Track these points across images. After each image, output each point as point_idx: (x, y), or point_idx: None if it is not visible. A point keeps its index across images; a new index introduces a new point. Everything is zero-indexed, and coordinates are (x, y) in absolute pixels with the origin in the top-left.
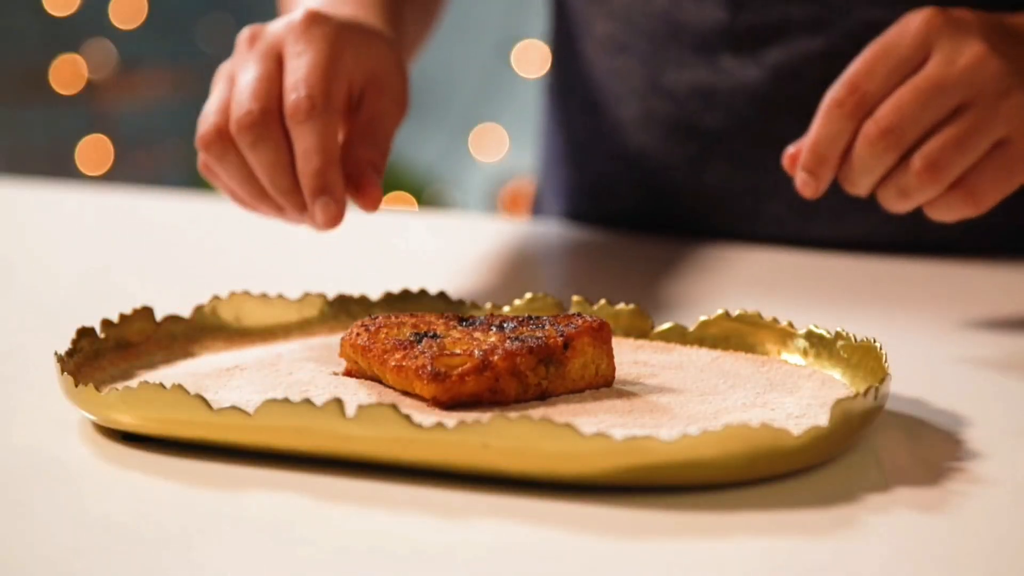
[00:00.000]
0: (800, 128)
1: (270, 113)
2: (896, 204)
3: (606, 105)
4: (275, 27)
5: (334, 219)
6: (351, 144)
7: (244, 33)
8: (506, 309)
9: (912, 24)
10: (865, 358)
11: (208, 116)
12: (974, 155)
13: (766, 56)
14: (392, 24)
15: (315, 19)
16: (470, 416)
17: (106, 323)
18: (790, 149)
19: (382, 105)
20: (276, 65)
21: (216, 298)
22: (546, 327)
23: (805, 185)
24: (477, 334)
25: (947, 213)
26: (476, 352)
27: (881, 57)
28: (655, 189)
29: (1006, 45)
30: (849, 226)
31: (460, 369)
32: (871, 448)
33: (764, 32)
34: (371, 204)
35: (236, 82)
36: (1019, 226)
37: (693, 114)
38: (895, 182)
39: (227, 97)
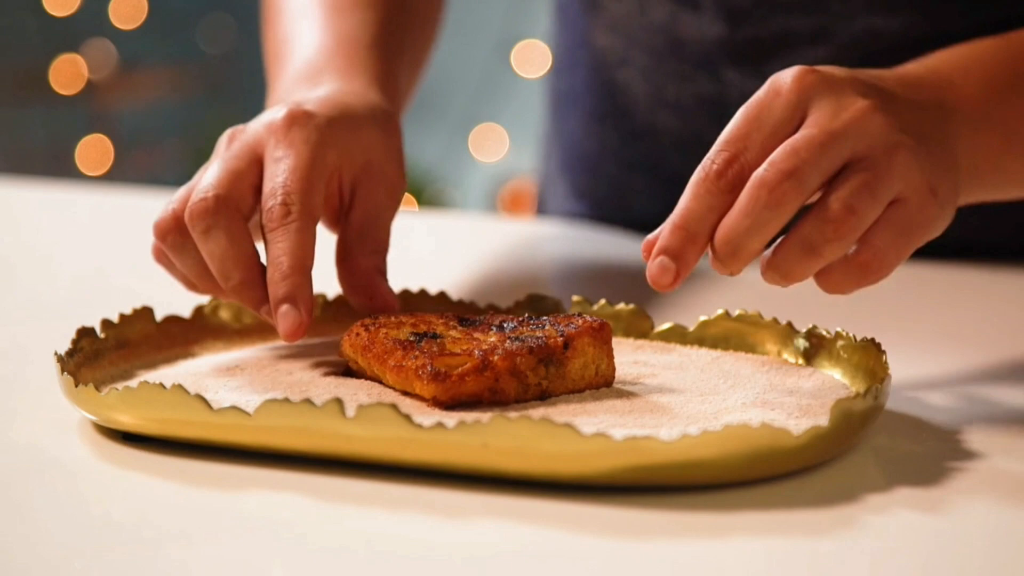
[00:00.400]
0: None
1: (227, 202)
2: (794, 267)
3: (613, 116)
4: (255, 126)
5: (296, 329)
6: (350, 251)
7: (225, 133)
8: (506, 309)
9: (783, 85)
10: (865, 358)
11: (167, 204)
12: (878, 207)
13: (768, 69)
14: (383, 85)
15: (296, 119)
16: (470, 416)
17: (106, 323)
18: (646, 240)
19: (376, 199)
20: (248, 164)
21: (216, 298)
22: (546, 327)
23: (664, 272)
24: (477, 334)
25: (844, 283)
26: (476, 352)
27: (754, 122)
28: (666, 196)
29: (883, 101)
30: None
31: (460, 369)
32: (871, 448)
33: (765, 45)
34: (388, 307)
35: (203, 174)
36: (1019, 226)
37: (699, 126)
38: (798, 238)
39: (191, 187)
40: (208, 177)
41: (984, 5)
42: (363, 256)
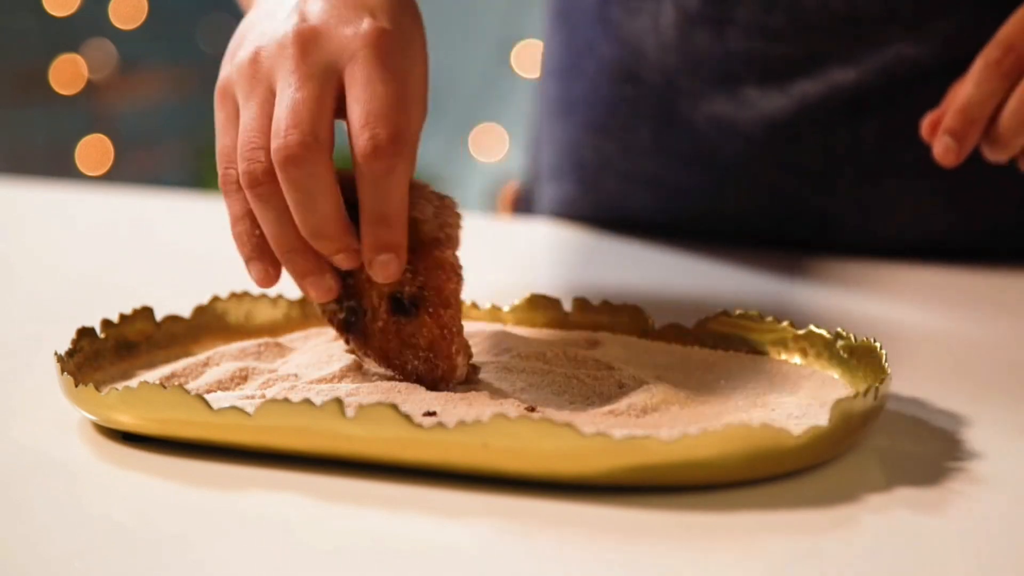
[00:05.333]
0: (822, 154)
1: (321, 143)
2: None
3: (615, 129)
4: (336, 36)
5: (394, 274)
6: None
7: (292, 33)
8: (506, 309)
9: None
10: (865, 358)
11: (249, 149)
12: None
13: (795, 87)
14: None
15: (382, 40)
16: (470, 416)
17: (106, 323)
18: (928, 117)
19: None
20: (330, 87)
21: (216, 298)
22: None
23: (947, 151)
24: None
25: None
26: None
27: None
28: (671, 210)
29: None
30: (871, 240)
31: None
32: (871, 448)
33: (795, 63)
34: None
35: (278, 100)
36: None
37: (710, 144)
38: None
39: (269, 124)
40: (291, 108)
41: None
42: None
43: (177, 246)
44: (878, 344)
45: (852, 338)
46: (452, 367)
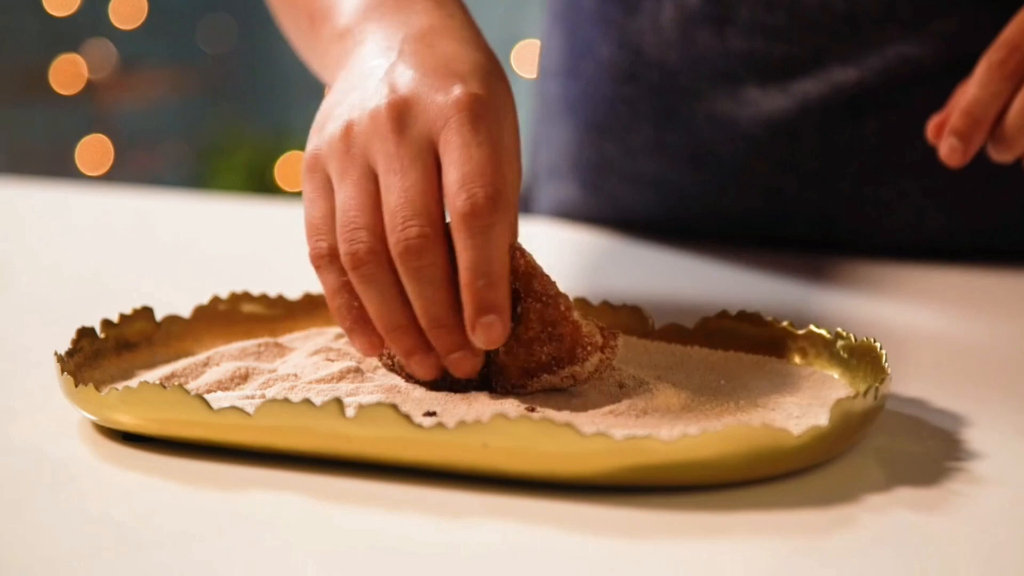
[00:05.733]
0: (822, 154)
1: (437, 232)
2: None
3: (615, 129)
4: (429, 107)
5: (499, 339)
6: None
7: (385, 105)
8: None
9: None
10: (865, 358)
11: (350, 225)
12: None
13: (795, 86)
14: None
15: (478, 107)
16: (470, 416)
17: (106, 323)
18: (934, 119)
19: (514, 174)
20: (432, 164)
21: (216, 298)
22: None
23: (953, 152)
24: None
25: None
26: None
27: None
28: (671, 209)
29: None
30: (871, 240)
31: None
32: (871, 448)
33: (796, 62)
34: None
35: (386, 186)
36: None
37: (710, 144)
38: None
39: (369, 202)
40: (403, 195)
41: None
42: None
43: (177, 246)
44: (878, 344)
45: (852, 338)
46: (579, 334)
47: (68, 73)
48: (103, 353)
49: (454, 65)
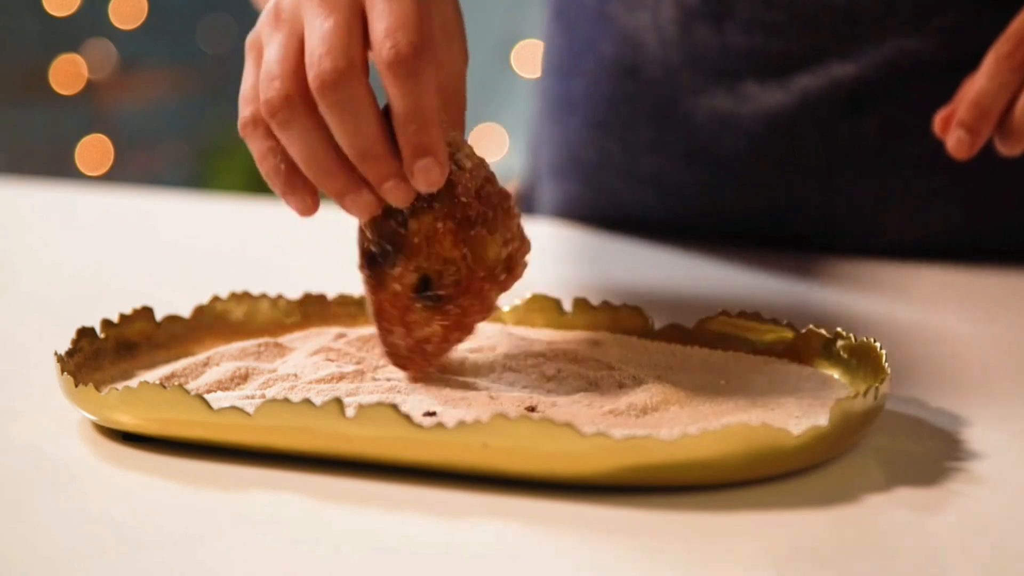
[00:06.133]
0: (822, 150)
1: (354, 68)
2: None
3: (615, 126)
4: None
5: (437, 180)
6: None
7: None
8: (506, 309)
9: None
10: (865, 358)
11: (269, 76)
12: None
13: (795, 82)
14: None
15: None
16: (470, 416)
17: (106, 323)
18: (941, 113)
19: (456, 58)
20: (355, 15)
21: (216, 298)
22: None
23: (960, 144)
24: None
25: None
26: None
27: None
28: (672, 208)
29: None
30: (871, 236)
31: None
32: (871, 448)
33: (795, 58)
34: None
35: (308, 34)
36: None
37: (710, 140)
38: None
39: (289, 54)
40: (322, 36)
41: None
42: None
43: (177, 246)
44: (878, 344)
45: (852, 338)
46: (424, 360)
47: (68, 73)
48: (103, 353)
49: None
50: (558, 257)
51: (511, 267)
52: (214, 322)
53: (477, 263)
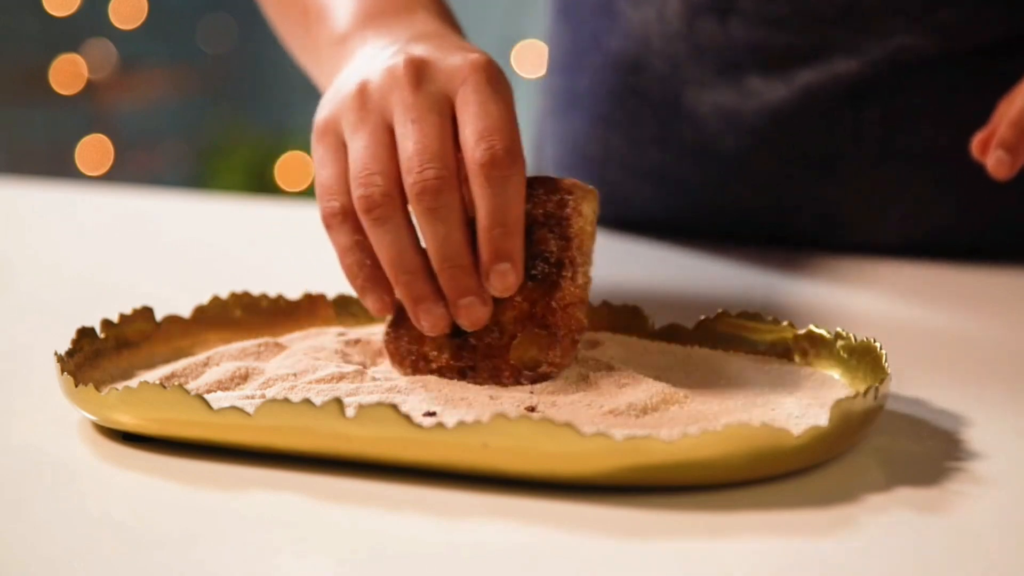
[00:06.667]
0: (824, 145)
1: (451, 177)
2: None
3: (620, 122)
4: (445, 67)
5: (512, 287)
6: None
7: (403, 65)
8: None
9: None
10: (865, 358)
11: (369, 174)
12: None
13: (798, 76)
14: (455, 27)
15: (486, 67)
16: (470, 416)
17: (106, 323)
18: (979, 135)
19: None
20: (447, 117)
21: (216, 298)
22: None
23: (1000, 164)
24: None
25: None
26: None
27: None
28: (675, 204)
29: None
30: (873, 232)
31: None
32: (871, 448)
33: (799, 52)
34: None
35: (403, 134)
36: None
37: (713, 135)
38: None
39: (383, 152)
40: (416, 142)
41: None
42: None
43: (177, 246)
44: (878, 344)
45: (852, 338)
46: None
47: (68, 73)
48: (103, 353)
49: (463, 46)
50: None
51: (537, 374)
52: (214, 322)
53: (514, 351)
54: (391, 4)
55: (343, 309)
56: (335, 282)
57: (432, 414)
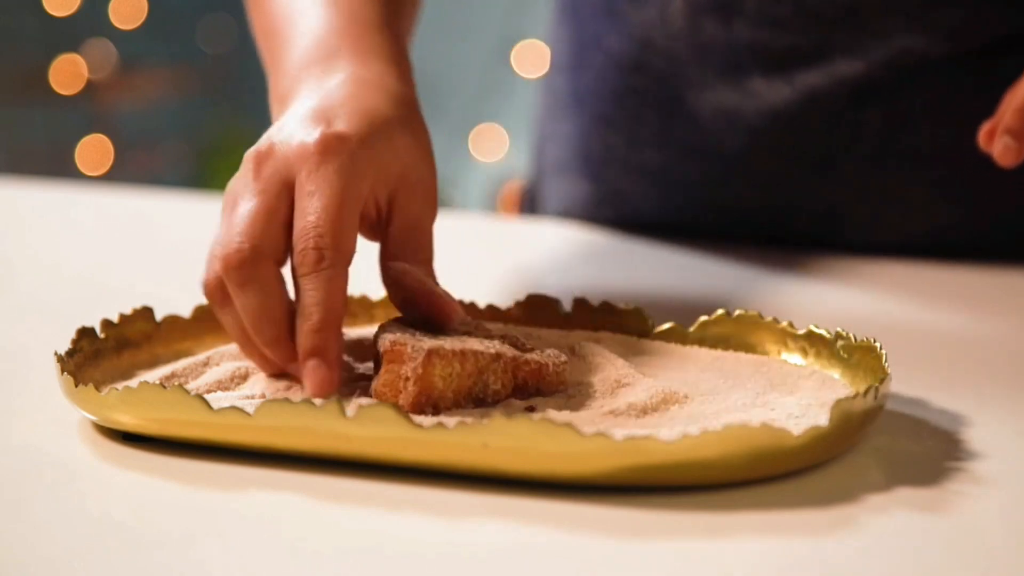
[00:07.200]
0: (826, 146)
1: (260, 251)
2: None
3: (621, 121)
4: (285, 150)
5: (324, 385)
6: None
7: (252, 153)
8: (505, 309)
9: None
10: (865, 358)
11: (210, 260)
12: None
13: (800, 78)
14: (398, 65)
15: (329, 147)
16: (470, 416)
17: (106, 323)
18: (985, 126)
19: (414, 208)
20: (279, 199)
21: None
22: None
23: (1007, 151)
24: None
25: None
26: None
27: None
28: (675, 204)
29: None
30: (874, 232)
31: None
32: (871, 448)
33: (801, 53)
34: (449, 317)
35: (233, 213)
36: (1019, 225)
37: (715, 135)
38: None
39: (220, 238)
40: (240, 219)
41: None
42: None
43: (177, 246)
44: (878, 344)
45: (852, 338)
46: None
47: (68, 73)
48: (103, 353)
49: (333, 108)
50: (560, 257)
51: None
52: (214, 322)
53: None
54: (329, 44)
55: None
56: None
57: (432, 414)
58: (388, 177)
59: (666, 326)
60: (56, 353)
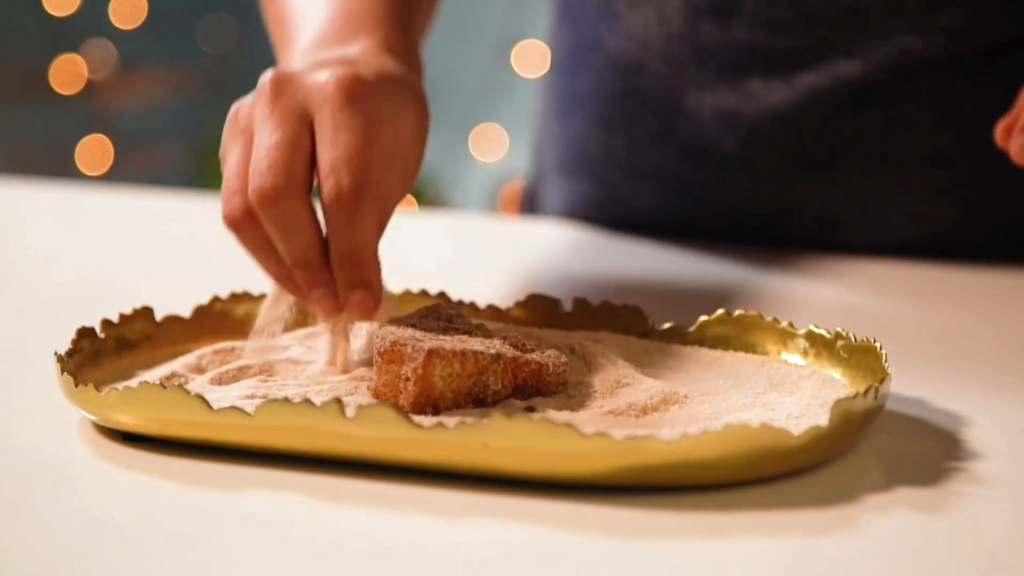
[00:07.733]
0: (825, 147)
1: (293, 184)
2: None
3: (619, 122)
4: (309, 82)
5: (371, 313)
6: None
7: (269, 78)
8: (504, 309)
9: None
10: (865, 358)
11: (228, 192)
12: None
13: (799, 79)
14: (408, 60)
15: (355, 89)
16: (470, 416)
17: (106, 323)
18: (1001, 123)
19: (393, 181)
20: (299, 134)
21: (216, 298)
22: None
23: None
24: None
25: None
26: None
27: None
28: (675, 204)
29: None
30: (874, 233)
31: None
32: (871, 448)
33: (800, 54)
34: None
35: (255, 146)
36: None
37: (714, 136)
38: None
39: (242, 168)
40: (266, 152)
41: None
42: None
43: (177, 246)
44: (878, 344)
45: (852, 338)
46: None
47: (68, 73)
48: (103, 353)
49: (351, 60)
50: (560, 257)
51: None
52: (214, 322)
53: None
54: (341, 28)
55: None
56: None
57: (432, 414)
58: (396, 141)
59: (666, 326)
60: (56, 353)
